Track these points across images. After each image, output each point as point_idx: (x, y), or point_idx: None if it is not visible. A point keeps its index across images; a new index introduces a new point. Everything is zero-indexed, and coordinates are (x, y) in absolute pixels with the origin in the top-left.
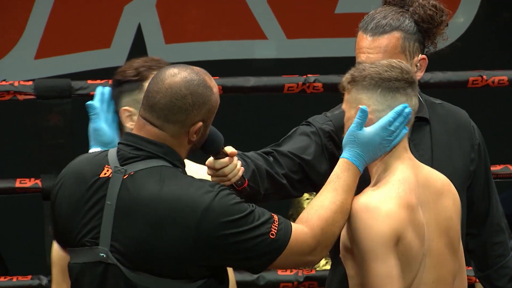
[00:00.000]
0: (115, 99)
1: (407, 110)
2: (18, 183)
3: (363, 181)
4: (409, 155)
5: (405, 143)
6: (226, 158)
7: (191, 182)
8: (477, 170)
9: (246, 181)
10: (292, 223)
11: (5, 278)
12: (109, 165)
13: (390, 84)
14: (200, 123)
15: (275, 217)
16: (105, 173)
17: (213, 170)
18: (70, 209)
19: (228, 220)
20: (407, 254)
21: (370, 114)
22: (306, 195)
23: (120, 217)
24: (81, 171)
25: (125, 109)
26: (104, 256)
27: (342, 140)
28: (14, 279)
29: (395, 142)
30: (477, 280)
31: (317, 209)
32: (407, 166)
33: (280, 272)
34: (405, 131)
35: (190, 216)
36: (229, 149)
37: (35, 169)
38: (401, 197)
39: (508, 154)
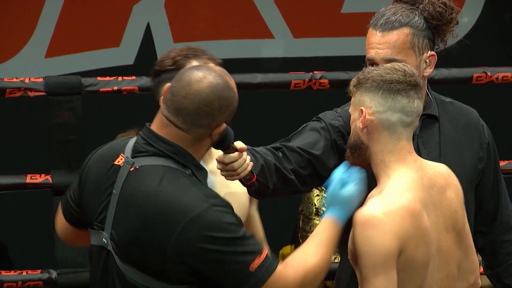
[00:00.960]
0: (155, 89)
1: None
2: (28, 179)
3: (375, 178)
4: (413, 157)
5: (409, 147)
6: (236, 153)
7: (189, 188)
8: (486, 169)
9: (255, 176)
10: (279, 265)
11: (15, 272)
12: (124, 154)
13: (392, 86)
14: (224, 125)
15: (264, 253)
16: (119, 161)
17: (222, 164)
18: (89, 193)
19: (212, 235)
20: (411, 261)
21: (371, 116)
22: (316, 191)
23: (120, 208)
24: (103, 156)
25: None
26: (105, 242)
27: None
28: (24, 273)
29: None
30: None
31: (302, 258)
32: (411, 170)
33: None
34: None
35: (177, 219)
36: (238, 144)
37: (46, 165)
38: (405, 207)
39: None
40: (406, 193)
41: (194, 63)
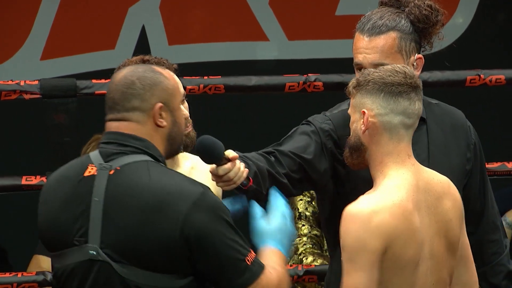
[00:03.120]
0: None
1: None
2: (24, 181)
3: (366, 182)
4: (411, 161)
5: (408, 150)
6: (229, 164)
7: (179, 176)
8: (473, 170)
9: (251, 180)
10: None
11: (10, 274)
12: (92, 163)
13: (393, 88)
14: (160, 104)
15: (253, 252)
16: (90, 171)
17: (217, 177)
18: (58, 212)
19: (218, 216)
20: (398, 259)
21: (373, 118)
22: (299, 196)
23: (109, 211)
24: (64, 175)
25: None
26: (94, 253)
27: (341, 139)
28: (19, 275)
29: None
30: None
31: (273, 266)
32: (408, 171)
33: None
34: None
35: (180, 205)
36: (229, 153)
37: (41, 167)
38: (396, 205)
39: (505, 151)
40: (399, 192)
41: None
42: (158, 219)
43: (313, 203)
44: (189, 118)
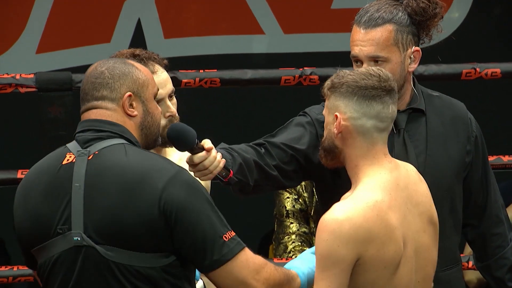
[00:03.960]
0: None
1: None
2: (19, 174)
3: (346, 183)
4: (388, 159)
5: (384, 150)
6: (204, 152)
7: (156, 156)
8: (473, 162)
9: (231, 171)
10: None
11: (6, 267)
12: (70, 152)
13: (366, 92)
14: (129, 93)
15: (232, 232)
16: (68, 159)
17: (193, 165)
18: (38, 205)
19: (192, 191)
20: (378, 261)
21: (346, 122)
22: (286, 194)
23: (90, 195)
24: (42, 168)
25: None
26: (79, 239)
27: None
28: (15, 268)
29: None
30: (469, 268)
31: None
32: (385, 170)
33: (276, 261)
34: None
35: (157, 181)
36: (205, 143)
37: (37, 160)
38: (369, 208)
39: (500, 145)
40: (374, 193)
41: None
42: (137, 197)
43: (300, 200)
44: (176, 115)
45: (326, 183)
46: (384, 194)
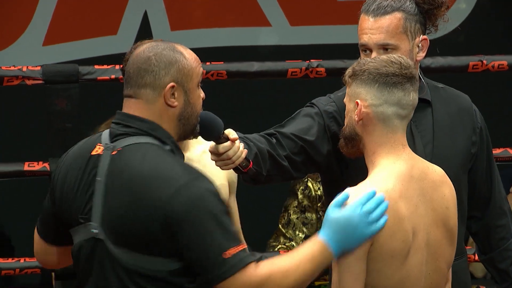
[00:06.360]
0: None
1: (379, 196)
2: (26, 167)
3: (362, 171)
4: (406, 150)
5: (403, 140)
6: (228, 142)
7: (173, 162)
8: (478, 153)
9: (251, 162)
10: (253, 263)
11: (12, 259)
12: (101, 143)
13: (388, 79)
14: (172, 84)
15: (242, 247)
16: (97, 151)
17: (216, 155)
18: (69, 189)
19: (199, 203)
20: (386, 250)
21: (367, 109)
22: (302, 186)
23: (108, 192)
24: (78, 153)
25: None
26: (96, 231)
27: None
28: (22, 260)
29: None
30: (475, 260)
31: (274, 261)
32: (400, 160)
33: None
34: (385, 218)
35: (162, 192)
36: (230, 133)
37: (43, 153)
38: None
39: (507, 137)
40: (387, 182)
41: None
42: (141, 206)
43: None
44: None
45: (333, 175)
46: (396, 183)
